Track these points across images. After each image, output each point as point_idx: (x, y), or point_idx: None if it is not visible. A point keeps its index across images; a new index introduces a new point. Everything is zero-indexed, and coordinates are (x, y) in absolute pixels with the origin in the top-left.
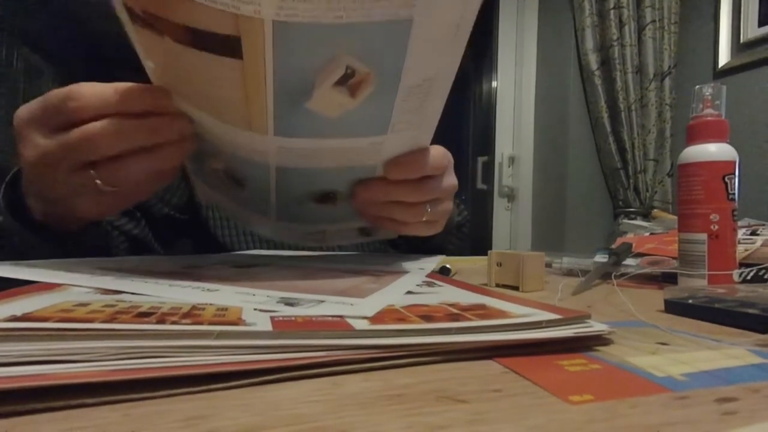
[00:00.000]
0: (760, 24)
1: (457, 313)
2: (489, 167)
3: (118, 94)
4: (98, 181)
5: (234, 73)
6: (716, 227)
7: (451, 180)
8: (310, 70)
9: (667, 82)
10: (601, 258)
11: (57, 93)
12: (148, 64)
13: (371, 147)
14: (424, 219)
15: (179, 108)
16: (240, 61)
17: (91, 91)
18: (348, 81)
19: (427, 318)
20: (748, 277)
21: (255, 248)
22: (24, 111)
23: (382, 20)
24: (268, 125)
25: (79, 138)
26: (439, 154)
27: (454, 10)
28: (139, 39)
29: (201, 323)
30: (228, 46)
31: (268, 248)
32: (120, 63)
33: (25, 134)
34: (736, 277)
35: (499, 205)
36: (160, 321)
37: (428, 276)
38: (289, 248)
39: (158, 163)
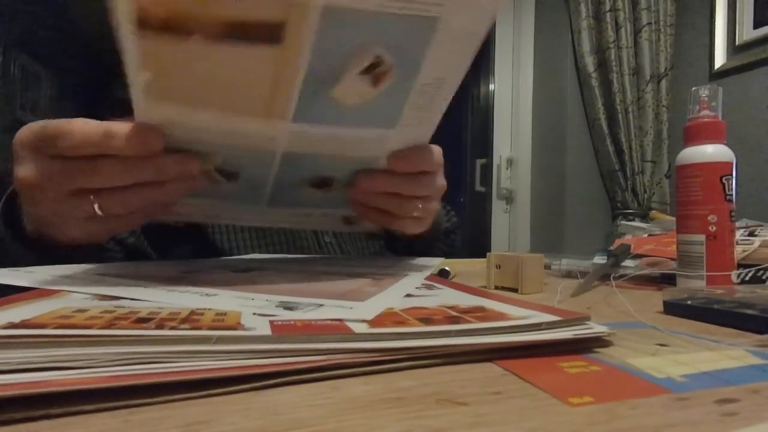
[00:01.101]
0: (755, 26)
1: (456, 315)
2: (487, 169)
3: (106, 137)
4: (96, 206)
5: (266, 60)
6: (714, 228)
7: (441, 180)
8: (342, 57)
9: (664, 83)
10: (599, 259)
11: (53, 126)
12: (143, 77)
13: (377, 139)
14: (414, 214)
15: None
16: (277, 48)
17: (82, 131)
18: (374, 70)
19: (427, 321)
20: (747, 278)
21: (254, 253)
22: (23, 132)
23: (414, 14)
24: (289, 111)
25: (79, 170)
26: (438, 152)
27: (476, 18)
28: (143, 47)
29: (200, 328)
30: (269, 32)
31: (267, 253)
32: (117, 69)
33: (22, 154)
34: (734, 278)
35: (498, 207)
36: (159, 326)
37: (427, 278)
38: (288, 253)
39: (159, 197)
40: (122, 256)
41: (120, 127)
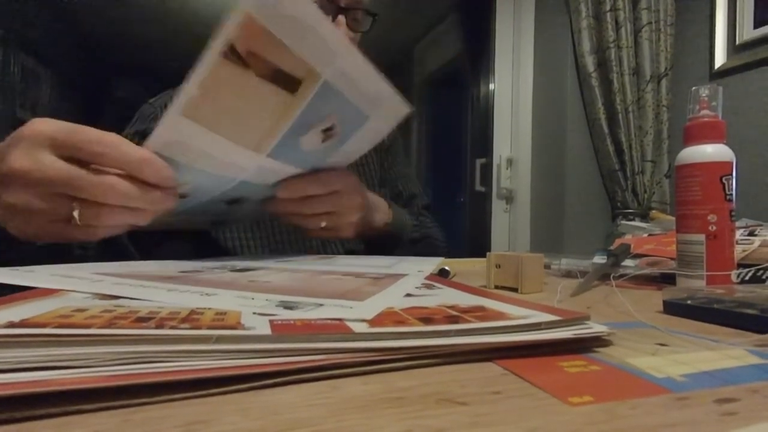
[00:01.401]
0: (756, 26)
1: (456, 315)
2: (487, 169)
3: (144, 162)
4: (76, 212)
5: (279, 103)
6: (714, 228)
7: (347, 199)
8: (316, 116)
9: (664, 83)
10: (599, 259)
11: (92, 130)
12: (192, 92)
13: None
14: (323, 225)
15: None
16: (291, 96)
17: (123, 149)
18: (327, 131)
19: (427, 320)
20: (746, 278)
21: (258, 252)
22: (47, 125)
23: (360, 108)
24: (269, 146)
25: (91, 182)
26: (329, 180)
27: (386, 123)
28: (214, 69)
29: (199, 327)
30: (291, 84)
31: (270, 252)
32: (116, 68)
33: (35, 145)
34: (734, 278)
35: (498, 207)
36: (159, 326)
37: (427, 278)
38: (292, 252)
39: (133, 219)
40: (95, 245)
41: (152, 156)
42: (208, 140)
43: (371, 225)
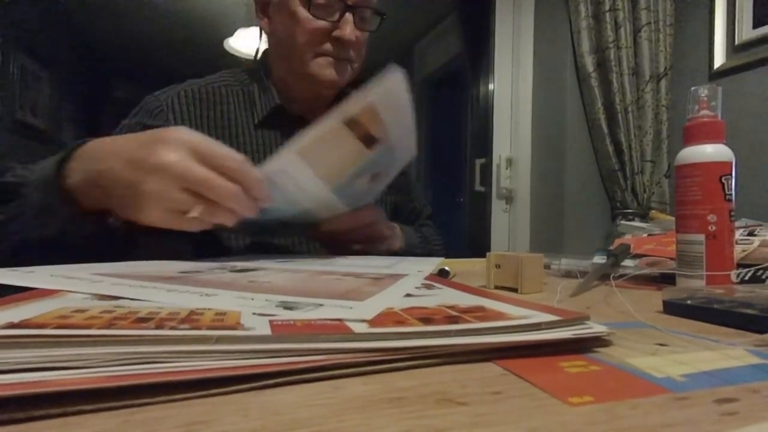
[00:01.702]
0: (755, 26)
1: (456, 315)
2: (487, 169)
3: (258, 181)
4: (200, 207)
5: (357, 152)
6: (714, 228)
7: (378, 230)
8: (374, 166)
9: (663, 83)
10: (599, 259)
11: (224, 147)
12: (310, 140)
13: (342, 210)
14: (355, 248)
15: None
16: (365, 149)
17: (247, 168)
18: (374, 177)
19: (427, 320)
20: (746, 278)
21: (259, 251)
22: (189, 133)
23: (398, 159)
24: (336, 183)
25: (222, 186)
26: (364, 215)
27: (396, 171)
28: (333, 131)
29: (199, 328)
30: (370, 141)
31: (271, 252)
32: (115, 69)
33: (181, 147)
34: (733, 278)
35: (497, 207)
36: (159, 326)
37: (427, 278)
38: (287, 253)
39: (229, 219)
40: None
41: (264, 178)
42: (304, 173)
43: (390, 249)
